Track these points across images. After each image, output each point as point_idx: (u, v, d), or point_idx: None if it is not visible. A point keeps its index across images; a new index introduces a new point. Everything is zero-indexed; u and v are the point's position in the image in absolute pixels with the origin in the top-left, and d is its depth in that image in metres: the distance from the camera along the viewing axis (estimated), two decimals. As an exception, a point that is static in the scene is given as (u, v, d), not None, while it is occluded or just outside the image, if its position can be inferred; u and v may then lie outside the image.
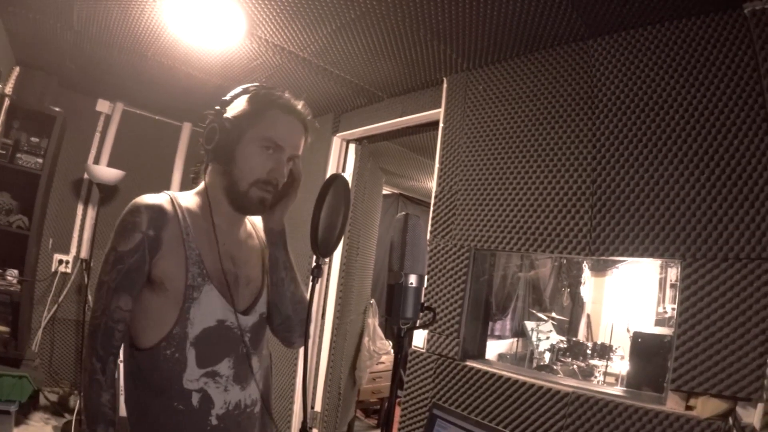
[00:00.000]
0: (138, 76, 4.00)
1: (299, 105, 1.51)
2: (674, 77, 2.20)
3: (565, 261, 5.26)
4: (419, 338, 2.93)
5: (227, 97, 1.48)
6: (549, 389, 2.34)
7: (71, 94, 4.61)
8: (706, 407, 1.87)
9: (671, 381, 1.99)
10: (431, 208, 3.12)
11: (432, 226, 3.07)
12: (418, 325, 1.32)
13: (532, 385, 2.41)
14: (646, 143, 2.24)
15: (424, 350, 2.92)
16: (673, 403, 1.97)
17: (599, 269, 5.25)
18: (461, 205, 2.94)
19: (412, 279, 1.26)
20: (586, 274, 5.33)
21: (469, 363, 2.71)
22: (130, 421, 1.39)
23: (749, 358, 1.80)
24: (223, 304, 1.42)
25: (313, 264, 1.38)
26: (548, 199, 2.55)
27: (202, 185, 1.53)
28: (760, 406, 1.74)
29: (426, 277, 2.98)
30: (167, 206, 1.42)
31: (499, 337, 5.12)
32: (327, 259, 1.45)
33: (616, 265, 4.82)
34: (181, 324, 1.35)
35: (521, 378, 2.47)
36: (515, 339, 5.12)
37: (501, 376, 2.54)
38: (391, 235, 1.32)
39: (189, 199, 1.50)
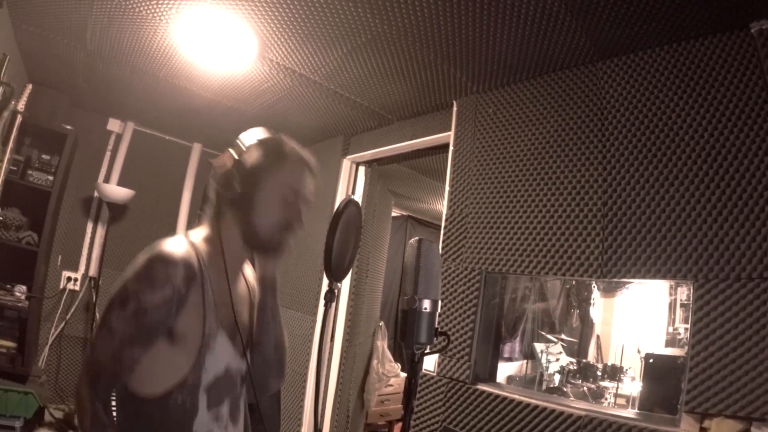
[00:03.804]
0: (149, 96, 4.03)
1: (308, 155, 1.51)
2: (683, 98, 2.21)
3: (574, 282, 5.23)
4: (430, 362, 2.92)
5: (243, 145, 1.46)
6: (561, 413, 2.31)
7: (83, 113, 4.64)
8: (721, 429, 1.85)
9: (685, 403, 1.97)
10: (442, 232, 3.12)
11: (443, 249, 3.07)
12: (431, 350, 1.31)
13: (544, 408, 2.38)
14: (657, 164, 2.24)
15: (434, 374, 2.91)
16: (687, 425, 1.95)
17: (609, 290, 5.22)
18: (472, 228, 2.94)
19: (426, 304, 1.25)
20: (596, 295, 5.30)
21: (480, 386, 2.69)
22: None
23: (763, 378, 1.79)
24: (231, 351, 1.44)
25: (326, 288, 1.38)
26: (559, 222, 2.54)
27: (209, 230, 1.50)
28: None
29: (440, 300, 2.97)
30: (193, 258, 1.38)
31: (509, 359, 5.08)
32: (339, 284, 1.43)
33: (626, 286, 4.79)
34: (196, 372, 1.34)
35: (533, 401, 2.45)
36: (525, 361, 5.09)
37: (512, 400, 2.51)
38: (404, 260, 1.31)
39: (201, 244, 1.46)
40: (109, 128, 4.89)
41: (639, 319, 4.79)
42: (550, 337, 4.87)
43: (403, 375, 5.27)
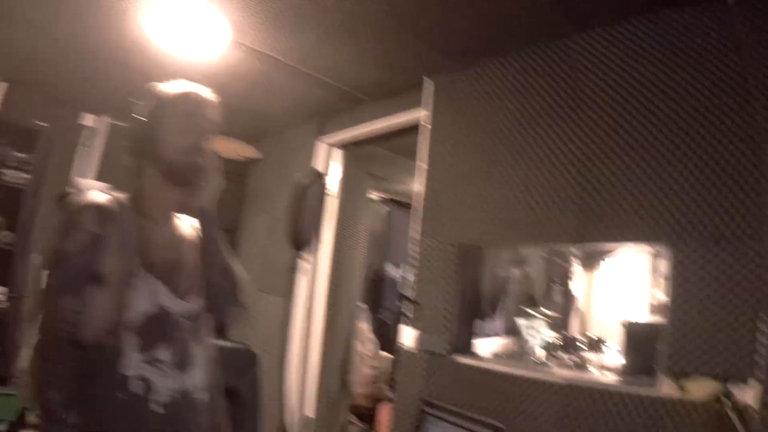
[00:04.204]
0: (124, 88, 3.97)
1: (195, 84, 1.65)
2: (658, 66, 2.23)
3: (555, 258, 5.24)
4: (409, 337, 2.94)
5: (138, 103, 1.60)
6: (541, 381, 2.35)
7: (57, 109, 4.52)
8: (700, 389, 1.88)
9: (664, 365, 2.00)
10: (417, 208, 3.13)
11: (418, 225, 3.07)
12: (400, 317, 1.33)
13: (523, 378, 2.42)
14: (631, 131, 2.27)
15: (413, 348, 2.91)
16: (667, 388, 1.98)
17: (590, 264, 5.23)
18: (447, 203, 2.96)
19: (393, 271, 1.28)
20: (576, 269, 5.31)
21: (460, 359, 2.72)
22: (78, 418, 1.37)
23: (740, 337, 1.82)
24: (164, 291, 1.47)
25: (292, 260, 1.40)
26: (534, 192, 2.56)
27: (133, 186, 1.60)
28: (754, 385, 1.76)
29: (414, 273, 3.00)
30: (109, 201, 1.48)
31: (492, 336, 5.07)
32: (306, 256, 1.48)
33: (605, 258, 4.82)
34: (121, 312, 1.38)
35: (511, 371, 2.49)
36: (508, 337, 5.09)
37: (491, 371, 2.55)
38: (372, 230, 1.34)
39: (125, 198, 1.56)
40: (84, 123, 4.81)
41: (621, 291, 4.81)
42: (532, 312, 4.87)
43: (386, 356, 5.27)
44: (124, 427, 1.38)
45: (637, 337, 2.68)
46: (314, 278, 4.11)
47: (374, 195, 5.56)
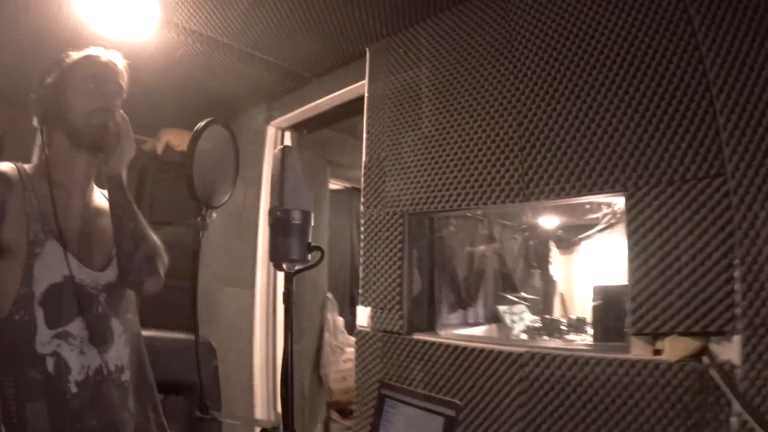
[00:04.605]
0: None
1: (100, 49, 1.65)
2: (598, 10, 2.09)
3: (531, 242, 5.22)
4: (363, 316, 2.83)
5: (45, 72, 1.58)
6: (500, 352, 2.20)
7: (8, 111, 4.43)
8: (676, 348, 1.73)
9: (632, 325, 1.85)
10: (362, 180, 3.05)
11: (363, 196, 2.99)
12: (306, 266, 1.22)
13: (483, 350, 2.27)
14: (571, 77, 2.14)
15: (368, 328, 2.80)
16: (638, 350, 1.84)
17: (566, 247, 5.21)
18: (390, 171, 2.86)
19: (295, 216, 1.16)
20: (554, 253, 5.30)
21: (417, 336, 2.59)
22: None
23: (715, 287, 1.67)
24: (73, 261, 1.41)
25: (196, 216, 1.36)
26: (476, 151, 2.45)
27: (43, 156, 1.56)
28: (736, 339, 1.60)
29: (363, 247, 2.92)
30: (11, 171, 1.46)
31: (475, 325, 5.02)
32: (214, 213, 1.38)
33: (579, 240, 4.79)
34: (27, 283, 1.33)
35: (470, 344, 2.34)
36: (490, 325, 5.04)
37: (449, 345, 2.41)
38: (270, 173, 1.23)
39: (32, 168, 1.55)
40: (35, 124, 4.71)
41: (600, 271, 4.77)
42: (512, 297, 4.82)
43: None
44: (40, 407, 1.32)
45: (607, 301, 2.56)
46: (272, 271, 3.99)
47: (336, 184, 5.48)
